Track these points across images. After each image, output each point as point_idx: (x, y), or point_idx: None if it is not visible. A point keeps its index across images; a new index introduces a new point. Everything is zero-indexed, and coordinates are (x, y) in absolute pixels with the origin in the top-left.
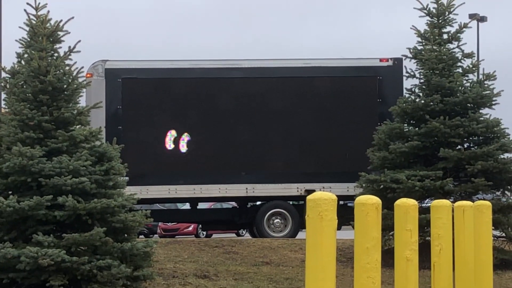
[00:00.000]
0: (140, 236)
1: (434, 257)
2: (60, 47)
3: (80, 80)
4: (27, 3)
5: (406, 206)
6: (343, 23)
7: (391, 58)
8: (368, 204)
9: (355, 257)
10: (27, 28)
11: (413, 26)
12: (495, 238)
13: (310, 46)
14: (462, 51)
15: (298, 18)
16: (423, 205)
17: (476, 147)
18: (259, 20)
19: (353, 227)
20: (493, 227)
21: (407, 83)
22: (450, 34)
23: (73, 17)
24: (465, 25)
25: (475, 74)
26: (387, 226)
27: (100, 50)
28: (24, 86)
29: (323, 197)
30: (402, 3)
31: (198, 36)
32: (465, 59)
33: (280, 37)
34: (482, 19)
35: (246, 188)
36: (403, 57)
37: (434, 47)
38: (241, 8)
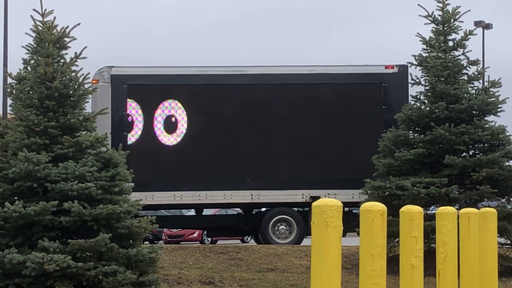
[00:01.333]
0: (145, 242)
1: (439, 264)
2: (67, 53)
3: (86, 86)
4: (34, 9)
5: (412, 213)
6: (363, 31)
7: (396, 65)
8: (373, 211)
9: (360, 263)
10: (34, 34)
11: (418, 33)
12: (500, 246)
13: (331, 54)
14: (468, 58)
15: (319, 26)
16: (428, 212)
17: (481, 154)
18: (281, 28)
19: (358, 233)
20: (498, 235)
21: (413, 90)
22: (455, 41)
23: (79, 24)
24: (470, 32)
25: (480, 81)
26: (392, 233)
27: (122, 58)
28: (30, 92)
29: (328, 204)
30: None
31: (222, 45)
32: (470, 66)
33: (303, 45)
34: (487, 26)
35: (251, 195)
36: (409, 64)
37: (439, 54)
38: (263, 17)
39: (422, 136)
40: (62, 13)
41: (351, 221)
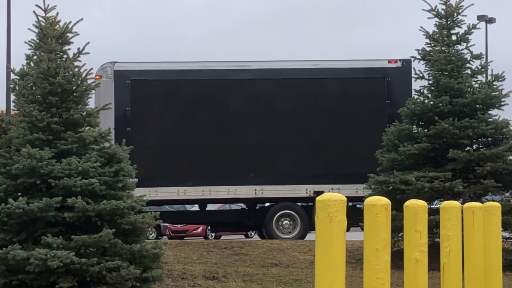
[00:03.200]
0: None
1: (443, 259)
2: (69, 49)
3: (89, 81)
4: (36, 5)
5: (416, 207)
6: (387, 25)
7: (399, 60)
8: (377, 205)
9: (365, 258)
10: (36, 30)
11: (421, 27)
12: (505, 240)
13: (357, 49)
14: (471, 52)
15: (345, 21)
16: (431, 206)
17: (485, 148)
18: (309, 25)
19: (362, 228)
20: (502, 229)
21: (416, 85)
22: (458, 35)
23: (82, 19)
24: (474, 26)
25: (484, 75)
26: (396, 228)
27: (150, 54)
28: (33, 88)
29: (332, 198)
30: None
31: (249, 39)
32: (473, 60)
33: (331, 41)
34: (490, 20)
35: (255, 190)
36: (412, 58)
37: (443, 48)
38: (290, 12)
39: (425, 130)
40: (94, 9)
41: (355, 215)
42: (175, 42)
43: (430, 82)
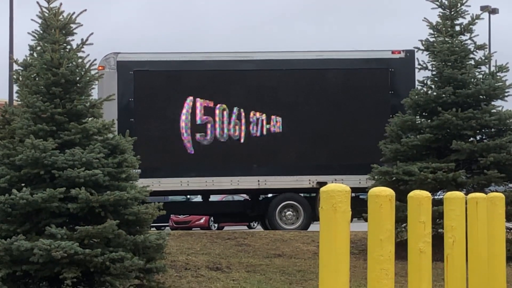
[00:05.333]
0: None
1: (447, 249)
2: (73, 40)
3: (92, 72)
4: None
5: (420, 198)
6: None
7: (403, 50)
8: (382, 196)
9: (369, 249)
10: (40, 21)
11: (425, 18)
12: (508, 230)
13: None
14: (475, 43)
15: (375, 12)
16: (435, 197)
17: (488, 139)
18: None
19: (365, 219)
20: (506, 219)
21: (419, 75)
22: (462, 26)
23: (85, 10)
24: (477, 17)
25: (487, 66)
26: (399, 218)
27: (179, 48)
28: (37, 79)
29: (337, 189)
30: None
31: (278, 33)
32: (477, 51)
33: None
34: (493, 11)
35: (258, 181)
36: (415, 49)
37: (446, 39)
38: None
39: (429, 121)
40: (123, 2)
41: (358, 206)
42: (204, 36)
43: (434, 73)
